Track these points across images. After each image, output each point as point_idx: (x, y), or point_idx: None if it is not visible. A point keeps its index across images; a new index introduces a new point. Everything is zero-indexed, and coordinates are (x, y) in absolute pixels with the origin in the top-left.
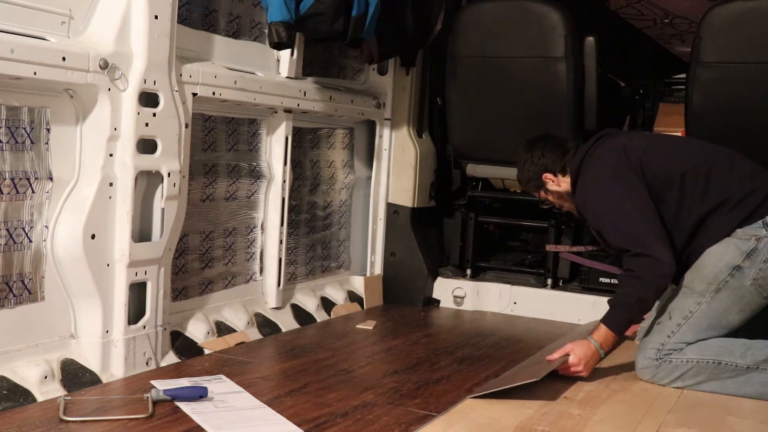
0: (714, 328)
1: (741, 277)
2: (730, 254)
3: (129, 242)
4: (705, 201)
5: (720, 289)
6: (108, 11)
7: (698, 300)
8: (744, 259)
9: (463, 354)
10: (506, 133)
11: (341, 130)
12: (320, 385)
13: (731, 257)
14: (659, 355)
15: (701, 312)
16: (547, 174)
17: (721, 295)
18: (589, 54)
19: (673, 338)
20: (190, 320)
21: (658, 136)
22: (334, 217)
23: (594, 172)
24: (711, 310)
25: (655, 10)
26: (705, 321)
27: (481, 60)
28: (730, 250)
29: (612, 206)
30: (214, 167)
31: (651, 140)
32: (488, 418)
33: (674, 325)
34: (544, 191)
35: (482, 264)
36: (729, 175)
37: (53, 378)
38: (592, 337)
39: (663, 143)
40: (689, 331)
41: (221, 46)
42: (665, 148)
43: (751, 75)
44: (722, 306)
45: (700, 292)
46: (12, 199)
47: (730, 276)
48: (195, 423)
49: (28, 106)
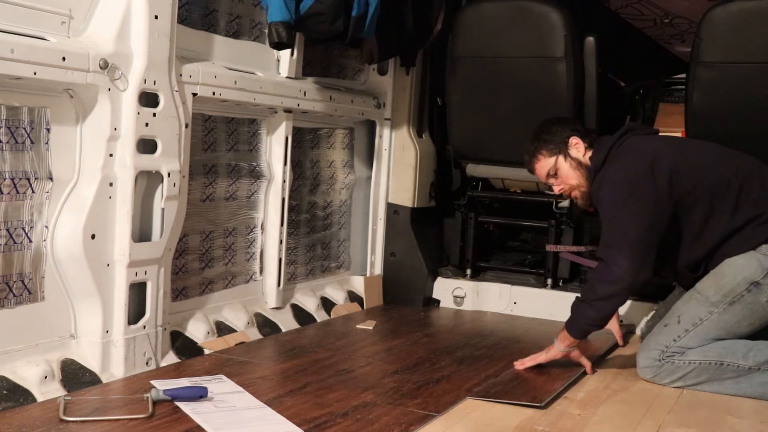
0: (722, 337)
1: (758, 293)
2: (752, 269)
3: (129, 242)
4: (734, 218)
5: (734, 302)
6: (108, 11)
7: (710, 309)
8: (764, 276)
9: (463, 354)
10: (506, 133)
11: (341, 130)
12: (320, 385)
13: (752, 272)
14: (662, 356)
15: (711, 321)
16: (574, 137)
17: (735, 308)
18: (589, 54)
19: (678, 342)
20: (190, 320)
21: (687, 143)
22: (334, 217)
23: (618, 176)
24: (722, 321)
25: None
26: (714, 331)
27: (481, 60)
28: (752, 265)
29: (622, 216)
30: (214, 167)
31: (682, 148)
32: (488, 418)
33: (682, 330)
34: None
35: (482, 264)
36: (760, 191)
37: (53, 378)
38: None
39: (693, 152)
40: (696, 338)
41: (221, 46)
42: (696, 160)
43: (751, 75)
44: (734, 319)
45: (714, 302)
46: (12, 199)
47: (747, 291)
48: (195, 423)
49: (28, 106)
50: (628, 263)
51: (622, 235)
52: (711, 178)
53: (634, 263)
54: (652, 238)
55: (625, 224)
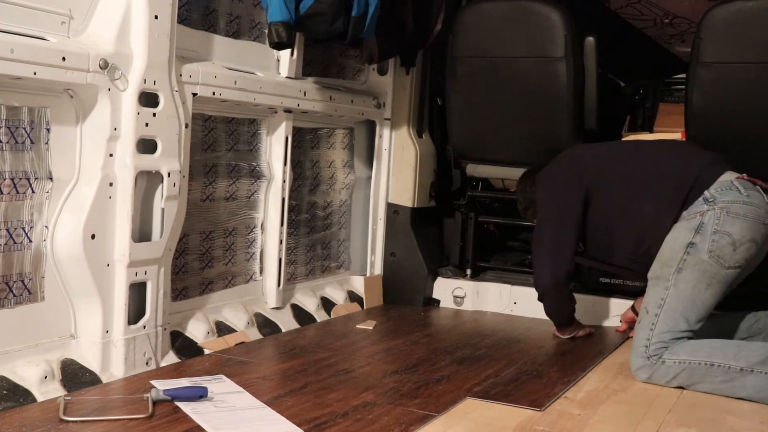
0: (690, 310)
1: (696, 252)
2: (682, 235)
3: (129, 242)
4: (643, 196)
5: (681, 269)
6: (108, 11)
7: (665, 285)
8: (694, 235)
9: (463, 354)
10: (506, 133)
11: (341, 130)
12: (320, 385)
13: (683, 237)
14: (648, 352)
15: (671, 297)
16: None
17: (684, 275)
18: (589, 54)
19: (655, 330)
20: (190, 320)
21: (601, 144)
22: (334, 217)
23: (540, 188)
24: (679, 291)
25: (655, 10)
26: (679, 304)
27: (481, 60)
28: (681, 232)
29: (545, 218)
30: (214, 167)
31: (591, 146)
32: (488, 418)
33: (653, 317)
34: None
35: (482, 264)
36: (661, 165)
37: (53, 378)
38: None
39: (600, 147)
40: (668, 319)
41: (221, 46)
42: (604, 154)
43: (751, 75)
44: (689, 285)
45: (664, 277)
46: (12, 199)
47: (687, 254)
48: (195, 423)
49: (28, 106)
50: (544, 269)
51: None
52: (612, 168)
53: (549, 267)
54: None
55: (542, 232)
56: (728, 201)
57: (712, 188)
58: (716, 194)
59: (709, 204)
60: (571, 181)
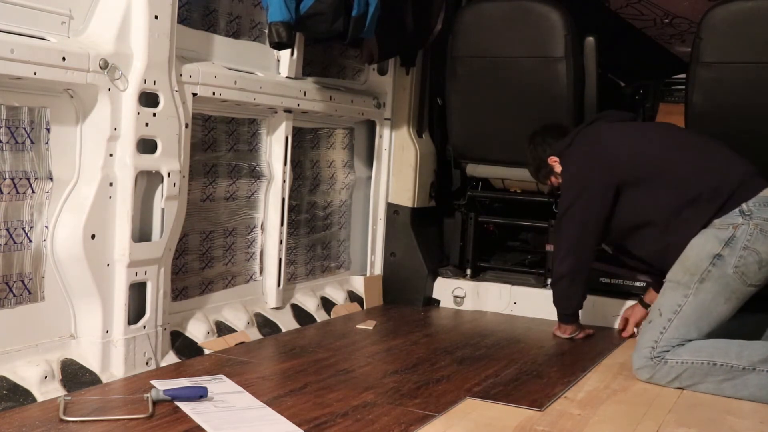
0: (704, 320)
1: (722, 265)
2: (710, 244)
3: (129, 242)
4: (677, 195)
5: (704, 280)
6: (108, 11)
7: (685, 293)
8: (723, 247)
9: (463, 354)
10: (506, 133)
11: (341, 130)
12: (320, 385)
13: (711, 247)
14: (653, 353)
15: (689, 305)
16: (552, 157)
17: (706, 285)
18: (589, 54)
19: (665, 334)
20: (190, 320)
21: (632, 127)
22: (334, 217)
23: (566, 175)
24: (698, 301)
25: (655, 10)
26: (694, 313)
27: (481, 60)
28: (710, 240)
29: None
30: (214, 167)
31: (624, 133)
32: (488, 418)
33: (665, 321)
34: (555, 176)
35: (482, 264)
36: (700, 166)
37: (53, 378)
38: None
39: (634, 136)
40: (681, 326)
41: (221, 46)
42: (635, 142)
43: (751, 75)
44: (708, 296)
45: (685, 284)
46: (12, 199)
47: (712, 265)
48: (195, 423)
49: (28, 106)
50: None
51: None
52: (648, 157)
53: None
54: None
55: (566, 227)
56: (764, 218)
57: (751, 202)
58: (754, 209)
59: (745, 217)
60: (601, 179)
